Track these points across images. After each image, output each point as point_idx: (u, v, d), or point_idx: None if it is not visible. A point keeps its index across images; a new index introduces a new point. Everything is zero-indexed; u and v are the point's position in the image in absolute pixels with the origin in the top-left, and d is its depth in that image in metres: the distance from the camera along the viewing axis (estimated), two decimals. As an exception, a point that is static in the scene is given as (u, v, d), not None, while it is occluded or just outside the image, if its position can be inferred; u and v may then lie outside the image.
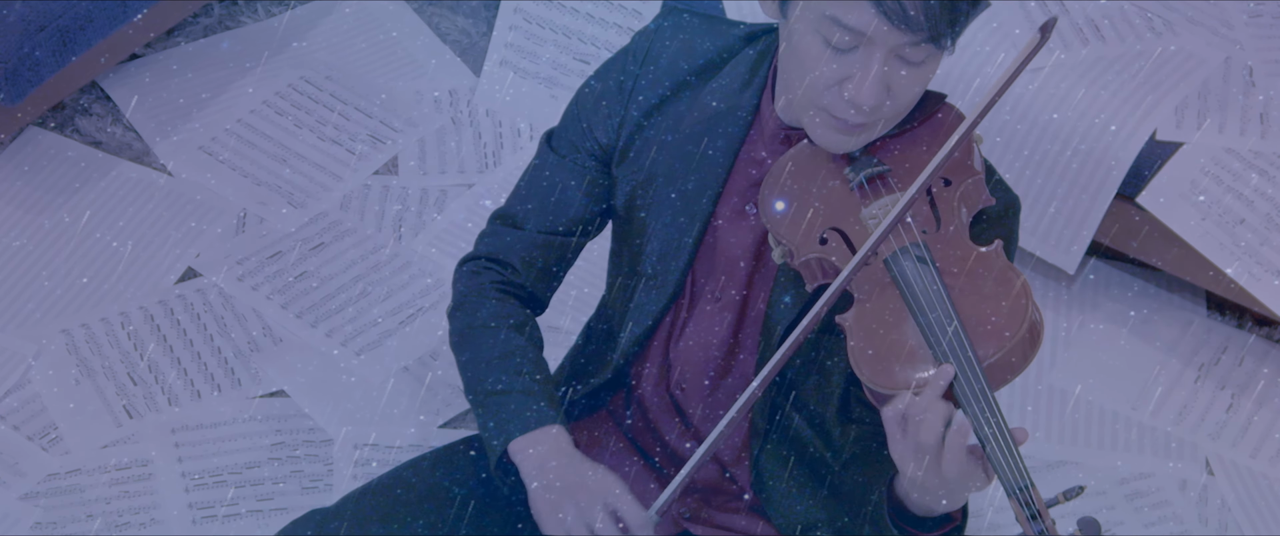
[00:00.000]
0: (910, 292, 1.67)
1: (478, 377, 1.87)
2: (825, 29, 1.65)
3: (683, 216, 1.83)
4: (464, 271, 1.95)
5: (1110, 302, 2.77)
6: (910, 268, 1.67)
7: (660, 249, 1.85)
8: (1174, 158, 2.59)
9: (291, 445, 2.44)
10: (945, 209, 1.72)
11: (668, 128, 1.84)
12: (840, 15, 1.63)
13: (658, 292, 1.86)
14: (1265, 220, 2.55)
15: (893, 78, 1.67)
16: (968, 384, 1.62)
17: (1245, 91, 2.66)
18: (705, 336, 1.88)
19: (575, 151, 1.88)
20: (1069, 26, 2.71)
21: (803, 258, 1.74)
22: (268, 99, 2.89)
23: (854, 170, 1.75)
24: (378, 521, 1.84)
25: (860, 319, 1.70)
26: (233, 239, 2.68)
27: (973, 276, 1.68)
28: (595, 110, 1.87)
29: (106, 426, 2.43)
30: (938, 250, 1.70)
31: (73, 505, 2.34)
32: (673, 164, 1.83)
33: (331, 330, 2.58)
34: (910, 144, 1.77)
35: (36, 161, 2.73)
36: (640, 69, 1.85)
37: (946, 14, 1.63)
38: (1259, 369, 2.70)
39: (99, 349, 2.52)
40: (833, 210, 1.75)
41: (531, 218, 1.91)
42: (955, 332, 1.63)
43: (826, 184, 1.76)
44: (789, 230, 1.75)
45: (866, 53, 1.66)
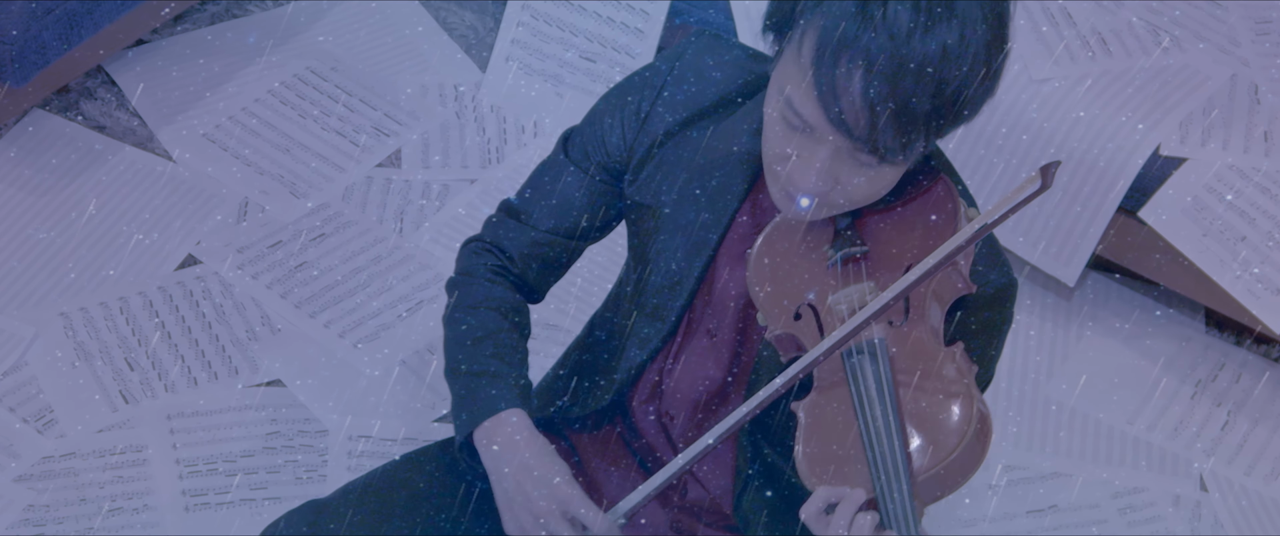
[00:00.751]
0: (858, 395, 1.61)
1: (452, 356, 1.87)
2: (782, 105, 1.60)
3: (686, 254, 1.81)
4: (467, 250, 1.95)
5: (1109, 316, 2.77)
6: (865, 368, 1.61)
7: (661, 283, 1.83)
8: (1177, 173, 2.59)
9: (287, 435, 2.44)
10: (917, 299, 1.65)
11: (679, 158, 1.81)
12: (793, 98, 1.59)
13: (657, 325, 1.85)
14: (1266, 238, 2.55)
15: (840, 171, 1.61)
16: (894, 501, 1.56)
17: (1250, 109, 2.66)
18: (698, 371, 1.87)
19: (587, 160, 1.87)
20: (1077, 39, 2.71)
21: (775, 332, 1.70)
22: (273, 88, 2.88)
23: (834, 248, 1.69)
24: (373, 515, 1.84)
25: (811, 413, 1.65)
26: (234, 227, 2.68)
27: (925, 384, 1.61)
28: (611, 127, 1.84)
29: (102, 411, 2.43)
30: (898, 347, 1.63)
31: (66, 488, 2.34)
32: (681, 199, 1.81)
33: (330, 321, 2.58)
34: (896, 223, 1.69)
35: (40, 144, 2.73)
36: (658, 94, 1.82)
37: (895, 135, 1.55)
38: (1256, 386, 2.70)
39: (97, 333, 2.51)
40: (808, 286, 1.69)
41: (537, 215, 1.90)
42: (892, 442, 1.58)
43: (807, 257, 1.71)
44: (765, 301, 1.71)
45: (813, 141, 1.60)
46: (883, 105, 1.53)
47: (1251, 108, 2.66)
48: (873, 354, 1.62)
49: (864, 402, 1.60)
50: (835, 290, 1.68)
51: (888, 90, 1.52)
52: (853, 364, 1.62)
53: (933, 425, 1.59)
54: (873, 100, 1.53)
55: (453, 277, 1.94)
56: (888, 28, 1.51)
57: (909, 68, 1.52)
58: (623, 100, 1.84)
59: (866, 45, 1.51)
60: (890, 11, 1.51)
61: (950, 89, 1.53)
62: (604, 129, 1.85)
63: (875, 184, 1.63)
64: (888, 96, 1.52)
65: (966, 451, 1.59)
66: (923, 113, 1.54)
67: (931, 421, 1.59)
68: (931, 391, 1.61)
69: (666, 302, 1.83)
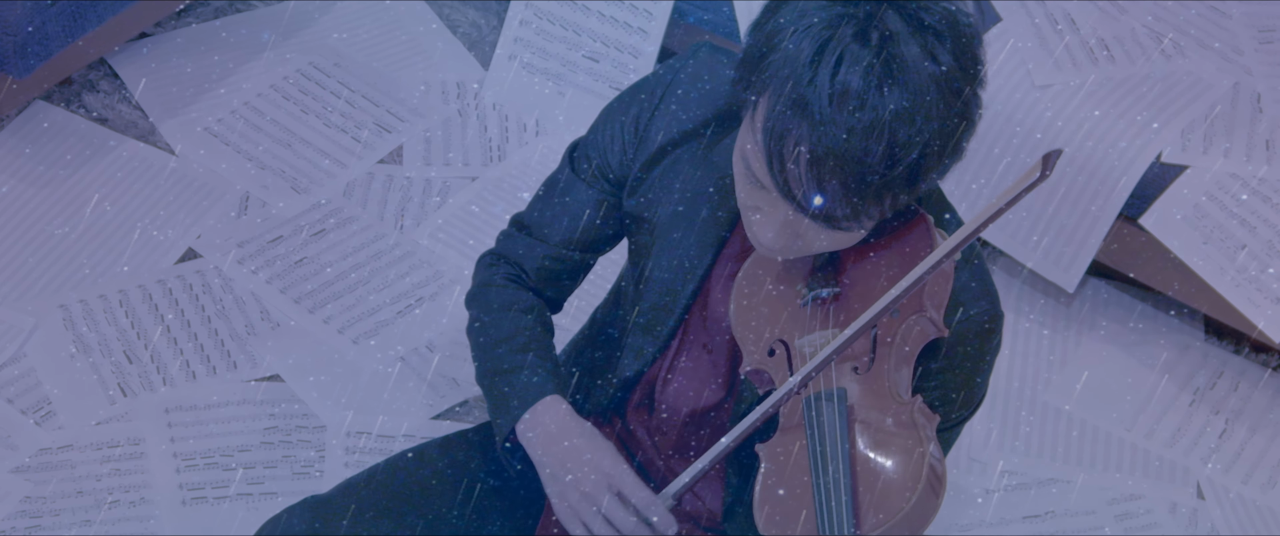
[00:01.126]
0: (815, 442, 1.60)
1: (484, 360, 1.87)
2: (743, 161, 1.58)
3: (680, 271, 1.80)
4: (482, 263, 1.96)
5: (1108, 323, 2.77)
6: (824, 417, 1.60)
7: (655, 301, 1.83)
8: (1178, 180, 2.59)
9: (284, 430, 2.44)
10: (883, 346, 1.61)
11: (677, 173, 1.80)
12: (750, 159, 1.56)
13: (651, 339, 1.85)
14: (1267, 246, 2.55)
15: (803, 231, 1.58)
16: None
17: (1253, 118, 2.66)
18: (691, 385, 1.87)
19: (590, 173, 1.86)
20: (1080, 46, 2.71)
21: (750, 366, 1.69)
22: (275, 83, 2.88)
23: (807, 287, 1.67)
24: (372, 512, 1.84)
25: (771, 457, 1.64)
26: (234, 222, 2.68)
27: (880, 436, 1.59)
28: (611, 140, 1.84)
29: (100, 403, 2.43)
30: (860, 396, 1.61)
31: (63, 480, 2.34)
32: (676, 216, 1.80)
33: (329, 317, 2.58)
34: (871, 266, 1.65)
35: (42, 135, 2.73)
36: (657, 108, 1.80)
37: (844, 204, 1.51)
38: (1254, 395, 2.70)
39: (96, 325, 2.51)
40: (782, 323, 1.67)
41: (547, 230, 1.90)
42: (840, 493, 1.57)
43: (782, 294, 1.69)
44: (744, 333, 1.70)
45: (771, 201, 1.57)
46: (829, 176, 1.49)
47: (1254, 116, 2.66)
48: (832, 402, 1.60)
49: (818, 452, 1.59)
50: (804, 331, 1.66)
51: (833, 161, 1.48)
52: (812, 412, 1.61)
53: (883, 483, 1.57)
54: (820, 170, 1.49)
55: (471, 291, 1.94)
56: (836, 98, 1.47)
57: (855, 138, 1.47)
58: (623, 113, 1.83)
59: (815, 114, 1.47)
60: (838, 80, 1.47)
61: (903, 160, 1.49)
62: (605, 141, 1.84)
63: (840, 241, 1.60)
64: (835, 168, 1.48)
65: (914, 510, 1.57)
66: (874, 183, 1.50)
67: (882, 478, 1.57)
68: (885, 446, 1.59)
69: (660, 319, 1.83)
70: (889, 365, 1.61)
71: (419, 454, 1.94)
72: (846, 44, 1.47)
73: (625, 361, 1.87)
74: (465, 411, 2.51)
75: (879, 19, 1.48)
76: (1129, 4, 2.80)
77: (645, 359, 1.85)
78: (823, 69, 1.47)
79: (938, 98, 1.48)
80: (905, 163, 1.49)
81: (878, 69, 1.47)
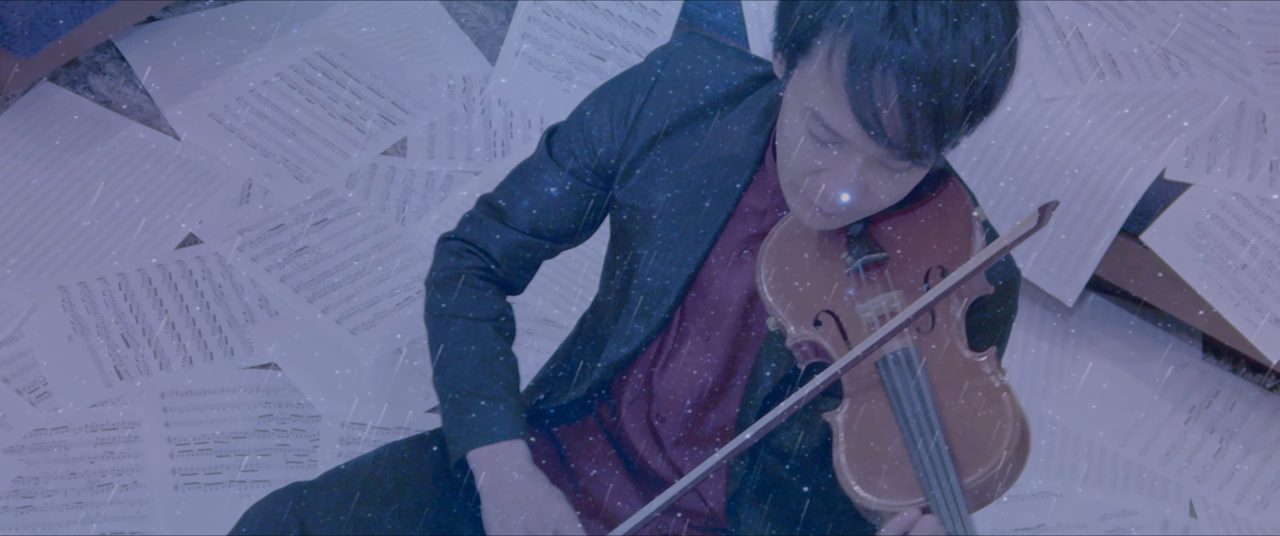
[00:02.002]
0: (898, 404, 1.62)
1: (448, 370, 1.86)
2: (808, 121, 1.60)
3: (676, 256, 1.80)
4: (446, 247, 1.93)
5: (1106, 337, 2.77)
6: (900, 377, 1.63)
7: (650, 284, 1.82)
8: (1181, 198, 2.59)
9: (279, 418, 2.44)
10: (941, 306, 1.66)
11: (671, 160, 1.80)
12: (822, 113, 1.58)
13: (643, 326, 1.84)
14: (1267, 267, 2.55)
15: (872, 180, 1.62)
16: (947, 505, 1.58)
17: (1257, 138, 2.66)
18: (690, 374, 1.87)
19: (573, 159, 1.84)
20: (1087, 60, 2.71)
21: (796, 339, 1.70)
22: (282, 71, 2.88)
23: (851, 255, 1.69)
24: (357, 501, 1.83)
25: (849, 424, 1.65)
26: (236, 208, 2.68)
27: (962, 389, 1.63)
28: (599, 127, 1.83)
29: (96, 386, 2.43)
30: (929, 354, 1.65)
31: (56, 461, 2.34)
32: (672, 201, 1.80)
33: (328, 307, 2.58)
34: (909, 227, 1.70)
35: (47, 116, 2.73)
36: (648, 94, 1.80)
37: (931, 136, 1.56)
38: (1250, 415, 2.70)
39: (95, 308, 2.51)
40: (828, 293, 1.69)
41: (518, 216, 1.88)
42: (939, 451, 1.59)
43: (824, 263, 1.71)
44: (784, 307, 1.71)
45: (845, 154, 1.60)
46: (919, 111, 1.54)
47: (1258, 136, 2.66)
48: (908, 362, 1.63)
49: (905, 410, 1.62)
50: (861, 298, 1.69)
51: (925, 95, 1.54)
52: (888, 373, 1.64)
53: (978, 435, 1.60)
54: (910, 107, 1.54)
55: (434, 276, 1.92)
56: (920, 35, 1.53)
57: (944, 70, 1.53)
58: (612, 102, 1.83)
59: (901, 55, 1.53)
60: (920, 18, 1.53)
61: (982, 84, 1.56)
62: (591, 130, 1.83)
63: (903, 187, 1.65)
64: (924, 102, 1.54)
65: (1011, 460, 1.60)
66: (958, 111, 1.56)
67: (974, 428, 1.61)
68: (972, 399, 1.62)
69: (656, 302, 1.82)
70: (948, 325, 1.66)
71: (407, 446, 1.94)
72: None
73: (613, 346, 1.86)
74: (461, 405, 2.51)
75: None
76: (1137, 20, 2.80)
77: (637, 341, 1.85)
78: (903, 11, 1.53)
79: (1002, 22, 1.57)
80: (985, 77, 1.56)
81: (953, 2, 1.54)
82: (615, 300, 1.88)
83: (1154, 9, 2.82)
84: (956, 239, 1.68)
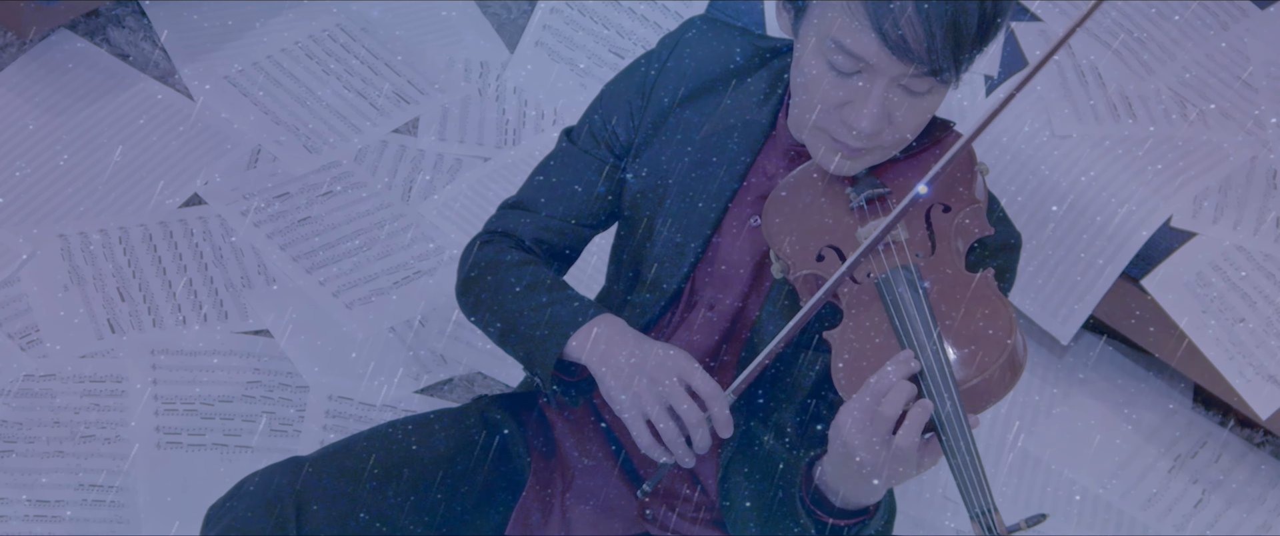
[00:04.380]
0: (897, 314, 1.67)
1: (510, 312, 1.87)
2: (829, 52, 1.66)
3: (689, 226, 1.84)
4: (474, 245, 1.96)
5: (1098, 379, 2.77)
6: (900, 290, 1.68)
7: (663, 254, 1.86)
8: (1185, 246, 2.59)
9: (267, 386, 2.44)
10: (942, 235, 1.73)
11: (683, 131, 1.85)
12: (843, 40, 1.64)
13: (655, 296, 1.87)
14: (1265, 323, 2.55)
15: (893, 105, 1.68)
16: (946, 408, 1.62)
17: (1267, 194, 2.66)
18: (693, 342, 1.89)
19: (594, 143, 1.90)
20: (1104, 101, 2.71)
21: (799, 273, 1.75)
22: (300, 40, 2.88)
23: (856, 190, 1.77)
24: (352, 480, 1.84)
25: (844, 336, 1.70)
26: (243, 172, 2.68)
27: (961, 302, 1.68)
28: (616, 105, 1.89)
29: (88, 337, 2.43)
30: (930, 275, 1.71)
31: (41, 409, 2.34)
32: (685, 171, 1.84)
33: (326, 279, 2.58)
34: (914, 169, 1.78)
35: (62, 64, 2.73)
36: (662, 69, 1.87)
37: (950, 49, 1.63)
38: (1235, 469, 2.70)
39: (93, 259, 2.51)
40: (831, 228, 1.76)
41: (543, 204, 1.92)
42: (937, 355, 1.63)
43: (828, 203, 1.77)
44: (788, 245, 1.76)
45: (868, 79, 1.66)
46: (937, 22, 1.61)
47: (1268, 192, 2.66)
48: (908, 275, 1.68)
49: (904, 321, 1.66)
50: (862, 225, 1.74)
51: (941, 7, 1.60)
52: (889, 289, 1.68)
53: (974, 338, 1.65)
54: (929, 18, 1.60)
55: (467, 273, 1.93)
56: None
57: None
58: (626, 83, 1.89)
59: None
60: None
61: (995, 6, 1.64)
62: (610, 110, 1.89)
63: (923, 113, 1.71)
64: (942, 13, 1.60)
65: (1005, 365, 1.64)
66: (971, 26, 1.62)
67: (973, 334, 1.65)
68: (968, 306, 1.67)
69: (669, 272, 1.86)
70: (949, 249, 1.72)
71: (405, 426, 1.94)
72: None
73: (628, 319, 1.88)
74: (449, 389, 2.51)
75: None
76: (1158, 65, 2.80)
77: (651, 315, 1.88)
78: None
79: None
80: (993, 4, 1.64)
81: None
82: (626, 279, 1.91)
83: (1175, 56, 2.82)
84: (958, 180, 1.75)
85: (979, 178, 1.77)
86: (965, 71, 1.68)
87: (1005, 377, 1.65)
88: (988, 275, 1.69)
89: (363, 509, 1.82)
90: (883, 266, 1.70)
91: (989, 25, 1.65)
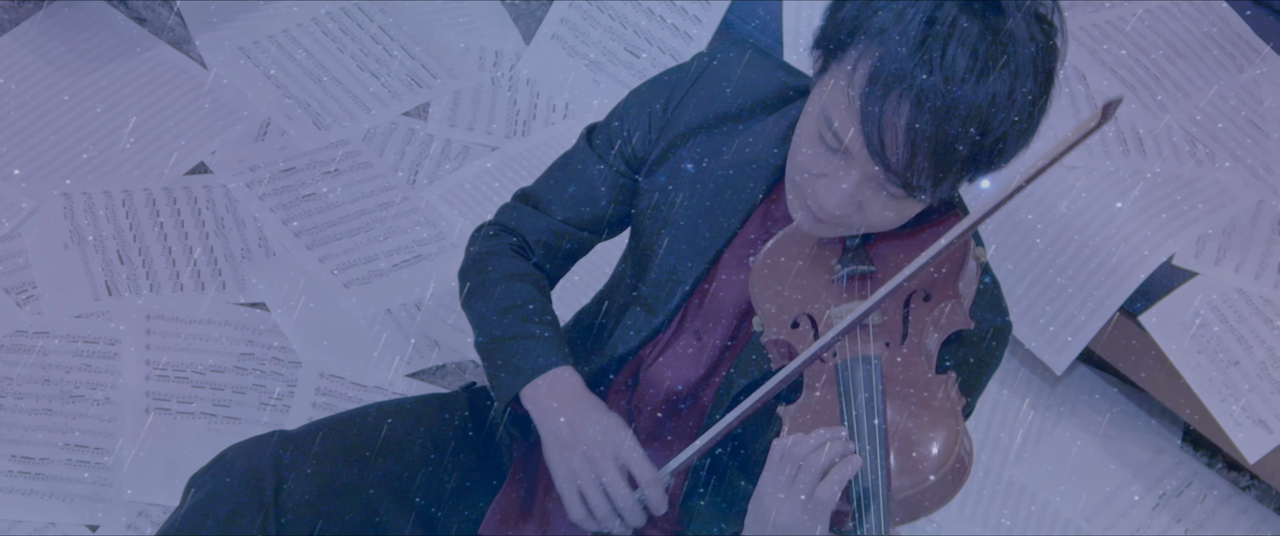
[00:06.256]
0: (847, 404, 1.63)
1: (489, 326, 1.87)
2: (820, 123, 1.62)
3: (689, 254, 1.83)
4: (480, 235, 1.96)
5: (1089, 412, 2.77)
6: (856, 379, 1.63)
7: (660, 277, 1.85)
8: (1185, 285, 2.59)
9: (260, 359, 2.44)
10: (916, 325, 1.66)
11: (699, 157, 1.83)
12: (834, 119, 1.60)
13: (647, 318, 1.86)
14: (1259, 368, 2.54)
15: (867, 198, 1.63)
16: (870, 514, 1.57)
17: (1270, 238, 2.66)
18: (677, 369, 1.88)
19: (610, 150, 1.89)
20: (1114, 135, 2.71)
21: (771, 336, 1.72)
22: (318, 17, 2.88)
23: (841, 263, 1.72)
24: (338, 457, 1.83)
25: (798, 416, 1.66)
26: (251, 144, 2.68)
27: (915, 404, 1.62)
28: (637, 119, 1.87)
29: (84, 297, 2.43)
30: (891, 367, 1.65)
31: (33, 366, 2.34)
32: (695, 200, 1.82)
33: (326, 257, 2.58)
34: (907, 249, 1.72)
35: (79, 24, 2.73)
36: (688, 91, 1.84)
37: (929, 172, 1.56)
38: (1219, 510, 2.70)
39: (95, 220, 2.51)
40: (811, 297, 1.72)
41: (556, 205, 1.92)
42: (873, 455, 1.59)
43: (813, 270, 1.73)
44: (766, 305, 1.73)
45: (846, 165, 1.61)
46: (924, 143, 1.54)
47: (1271, 237, 2.66)
48: (867, 367, 1.63)
49: (852, 413, 1.61)
50: (838, 303, 1.70)
51: (932, 129, 1.54)
52: (846, 374, 1.64)
53: (916, 447, 1.60)
54: (916, 137, 1.54)
55: (469, 261, 1.94)
56: (944, 70, 1.53)
57: (957, 112, 1.53)
58: (652, 95, 1.86)
59: (920, 83, 1.53)
60: (949, 54, 1.53)
61: (992, 137, 1.56)
62: (630, 122, 1.87)
63: (897, 215, 1.65)
64: (931, 136, 1.54)
65: (943, 480, 1.59)
66: (961, 157, 1.56)
67: (915, 443, 1.60)
68: (919, 414, 1.62)
69: (662, 298, 1.84)
70: (919, 344, 1.66)
71: (392, 408, 1.94)
72: (955, 16, 1.53)
73: (619, 337, 1.88)
74: (441, 375, 2.51)
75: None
76: (1172, 104, 2.80)
77: (641, 335, 1.87)
78: (933, 42, 1.53)
79: (1031, 79, 1.56)
80: (996, 131, 1.55)
81: (985, 48, 1.53)
82: (627, 289, 1.90)
83: (1188, 95, 2.82)
84: (948, 270, 1.68)
85: (970, 265, 1.69)
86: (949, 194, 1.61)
87: (938, 495, 1.60)
88: (949, 381, 1.64)
89: (342, 486, 1.81)
90: (845, 352, 1.65)
91: (983, 159, 1.57)
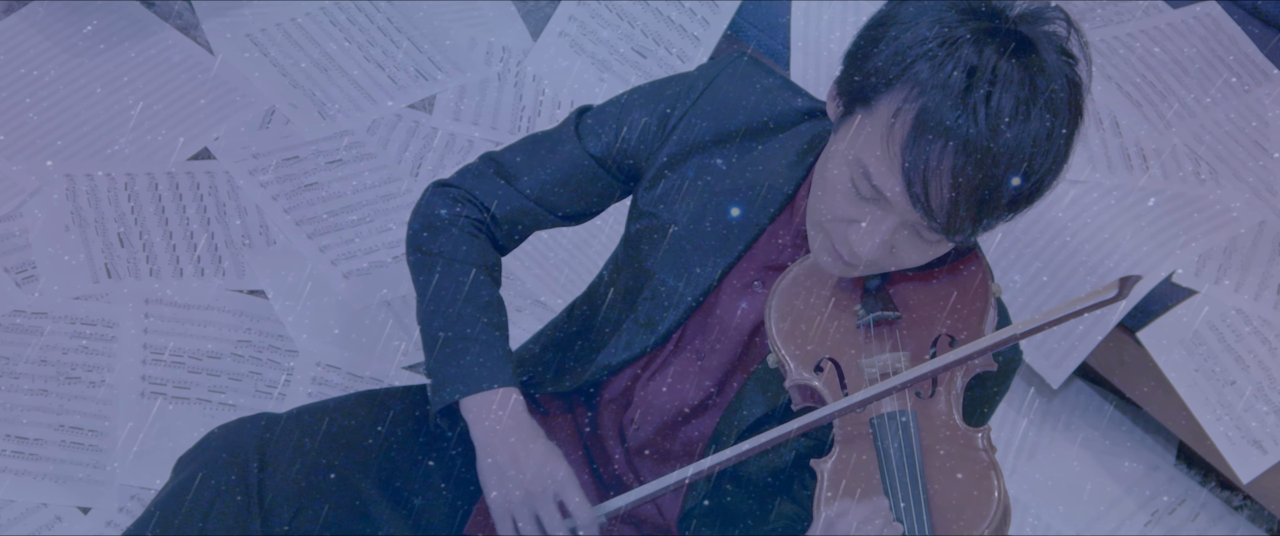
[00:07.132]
0: (887, 464, 1.61)
1: (440, 312, 1.83)
2: (854, 171, 1.61)
3: (691, 273, 1.80)
4: (443, 192, 1.90)
5: (1085, 427, 2.77)
6: (893, 438, 1.62)
7: (657, 298, 1.83)
8: (1184, 303, 2.59)
9: (257, 346, 2.44)
10: (945, 375, 1.66)
11: (702, 175, 1.80)
12: (870, 168, 1.59)
13: (645, 334, 1.84)
14: (1256, 388, 2.54)
15: (900, 242, 1.63)
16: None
17: (1271, 259, 2.66)
18: (675, 389, 1.87)
19: (598, 144, 1.84)
20: (1119, 150, 2.71)
21: (795, 380, 1.70)
22: (326, 6, 2.88)
23: (865, 308, 1.71)
24: (321, 443, 1.83)
25: (835, 475, 1.64)
26: (255, 132, 2.68)
27: (952, 460, 1.62)
28: (634, 127, 1.83)
29: (84, 279, 2.43)
30: (925, 420, 1.65)
31: (30, 346, 2.34)
32: (697, 219, 1.80)
33: (326, 246, 2.58)
34: (927, 291, 1.72)
35: (87, 5, 2.73)
36: (692, 104, 1.81)
37: (971, 218, 1.57)
38: (1211, 529, 2.70)
39: (97, 202, 2.51)
40: (835, 341, 1.70)
41: (525, 180, 1.87)
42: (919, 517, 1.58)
43: (836, 311, 1.72)
44: (788, 347, 1.71)
45: (882, 212, 1.61)
46: (970, 190, 1.54)
47: (1272, 257, 2.66)
48: (903, 425, 1.62)
49: (893, 472, 1.60)
50: (866, 353, 1.68)
51: (979, 177, 1.54)
52: (882, 432, 1.63)
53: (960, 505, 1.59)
54: (961, 185, 1.54)
55: (423, 216, 1.89)
56: (990, 118, 1.52)
57: (1004, 156, 1.54)
58: (655, 102, 1.83)
59: (966, 133, 1.53)
60: (994, 103, 1.53)
61: (1035, 176, 1.56)
62: (628, 123, 1.83)
63: (928, 255, 1.65)
64: (976, 184, 1.54)
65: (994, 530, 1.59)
66: (1005, 198, 1.56)
67: (958, 501, 1.60)
68: (959, 470, 1.61)
69: (660, 316, 1.82)
70: (948, 394, 1.66)
71: (380, 398, 1.93)
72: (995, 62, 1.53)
73: (612, 348, 1.86)
74: (437, 368, 2.51)
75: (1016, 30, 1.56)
76: (1177, 121, 2.80)
77: (634, 350, 1.85)
78: (977, 91, 1.53)
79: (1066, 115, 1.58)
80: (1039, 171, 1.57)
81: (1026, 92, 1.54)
82: (620, 303, 1.88)
83: (1195, 113, 2.82)
84: (971, 311, 1.68)
85: (991, 311, 1.70)
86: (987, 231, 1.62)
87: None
88: (986, 433, 1.63)
89: (328, 472, 1.80)
90: (878, 407, 1.64)
91: (1020, 201, 1.59)
